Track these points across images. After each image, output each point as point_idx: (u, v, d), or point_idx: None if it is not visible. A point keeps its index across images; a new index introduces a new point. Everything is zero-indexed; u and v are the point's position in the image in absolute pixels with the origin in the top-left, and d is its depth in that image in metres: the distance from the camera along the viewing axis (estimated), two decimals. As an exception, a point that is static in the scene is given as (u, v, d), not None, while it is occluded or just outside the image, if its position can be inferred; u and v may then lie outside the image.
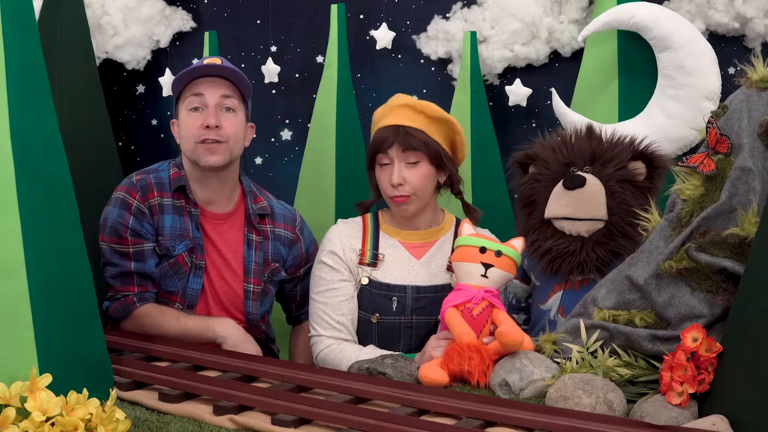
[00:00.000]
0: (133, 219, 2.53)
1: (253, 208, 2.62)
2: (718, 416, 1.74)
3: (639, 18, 2.84)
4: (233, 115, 2.54)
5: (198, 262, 2.56)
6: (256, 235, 2.62)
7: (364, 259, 2.58)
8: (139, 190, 2.55)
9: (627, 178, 2.45)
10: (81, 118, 3.16)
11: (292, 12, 3.42)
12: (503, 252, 2.34)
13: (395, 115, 2.54)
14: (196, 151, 2.51)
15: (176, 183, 2.56)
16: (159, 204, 2.55)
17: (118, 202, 2.55)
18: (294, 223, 2.72)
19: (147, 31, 3.42)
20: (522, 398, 2.05)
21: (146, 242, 2.54)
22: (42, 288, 1.73)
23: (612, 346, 2.09)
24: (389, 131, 2.52)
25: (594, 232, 2.44)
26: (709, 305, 2.02)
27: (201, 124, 2.50)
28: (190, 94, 2.53)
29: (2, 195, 1.69)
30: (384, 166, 2.54)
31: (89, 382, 1.75)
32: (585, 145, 2.51)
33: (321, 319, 2.57)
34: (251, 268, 2.61)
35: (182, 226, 2.56)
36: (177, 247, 2.54)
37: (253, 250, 2.61)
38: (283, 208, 2.73)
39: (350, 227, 2.64)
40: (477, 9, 3.21)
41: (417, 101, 2.56)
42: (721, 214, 2.00)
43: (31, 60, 1.77)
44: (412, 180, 2.51)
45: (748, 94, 2.07)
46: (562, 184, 2.46)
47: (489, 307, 2.28)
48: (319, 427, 1.86)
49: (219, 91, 2.52)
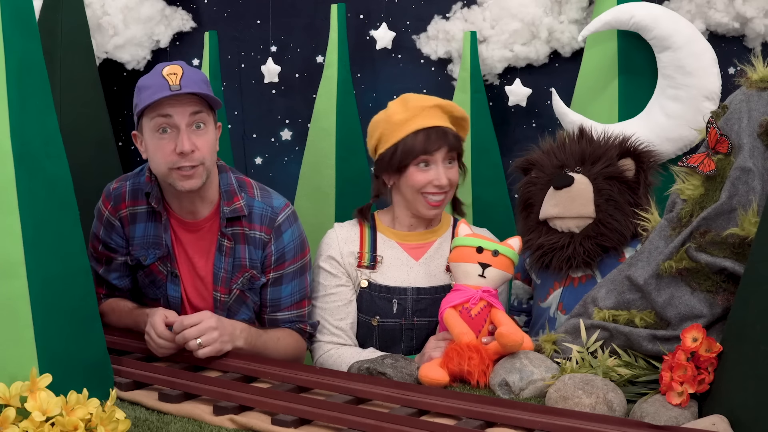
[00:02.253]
0: (103, 230, 2.50)
1: (224, 212, 2.42)
2: (718, 416, 1.74)
3: (639, 18, 2.84)
4: (204, 130, 2.34)
5: (173, 269, 2.47)
6: (227, 241, 2.43)
7: (362, 261, 2.57)
8: (112, 200, 2.49)
9: (614, 175, 2.50)
10: (81, 118, 3.16)
11: (292, 12, 3.41)
12: (500, 251, 2.34)
13: (430, 116, 2.51)
14: (171, 176, 2.35)
15: (145, 188, 2.46)
16: (130, 214, 2.48)
17: (96, 208, 2.53)
18: (272, 222, 2.44)
19: (147, 31, 3.42)
20: (522, 398, 2.05)
21: (113, 255, 2.51)
22: (42, 288, 1.73)
23: (612, 346, 2.09)
24: (434, 133, 2.49)
25: (583, 228, 2.48)
26: (709, 305, 2.02)
27: (173, 149, 2.31)
28: (156, 115, 2.31)
29: (2, 195, 1.69)
30: (425, 167, 2.49)
31: (89, 382, 1.75)
32: (575, 146, 2.56)
33: (319, 324, 2.56)
34: (219, 275, 2.45)
35: (156, 233, 2.47)
36: (148, 257, 2.47)
37: (223, 256, 2.44)
38: (262, 207, 2.45)
39: (347, 230, 2.61)
40: (477, 9, 3.21)
41: (444, 101, 2.56)
42: (721, 214, 2.00)
43: (31, 60, 1.78)
44: (453, 178, 2.54)
45: (748, 94, 2.07)
46: (552, 184, 2.51)
47: (487, 306, 2.28)
48: (319, 427, 1.86)
49: (187, 109, 2.31)
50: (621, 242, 2.46)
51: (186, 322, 2.21)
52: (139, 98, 2.34)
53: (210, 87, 2.40)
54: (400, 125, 2.51)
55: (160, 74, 2.31)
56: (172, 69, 2.31)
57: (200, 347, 2.20)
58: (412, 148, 2.48)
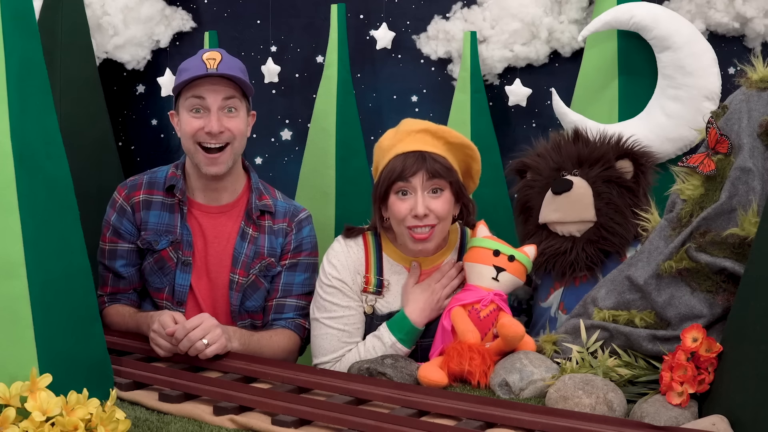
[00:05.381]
0: (115, 215, 2.59)
1: (255, 204, 2.58)
2: (718, 416, 1.74)
3: (639, 18, 2.84)
4: (235, 114, 2.51)
5: (184, 258, 2.54)
6: (252, 230, 2.58)
7: (368, 287, 2.47)
8: (127, 188, 2.60)
9: (613, 178, 2.49)
10: (81, 118, 3.16)
11: (292, 12, 3.41)
12: (516, 257, 2.34)
13: (414, 140, 2.36)
14: (197, 155, 2.50)
15: (169, 182, 2.57)
16: (144, 200, 2.57)
17: (110, 201, 2.62)
18: (294, 216, 2.61)
19: (147, 31, 3.42)
20: (522, 398, 2.05)
21: (121, 241, 2.58)
22: (42, 288, 1.73)
23: (612, 346, 2.09)
24: (411, 158, 2.32)
25: (585, 232, 2.47)
26: (709, 305, 2.02)
27: (202, 127, 2.47)
28: (191, 95, 2.49)
29: (2, 195, 1.69)
30: (403, 196, 2.35)
31: (89, 382, 1.75)
32: (572, 149, 2.55)
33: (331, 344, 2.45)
34: (240, 259, 2.55)
35: (170, 222, 2.56)
36: (160, 242, 2.54)
37: (246, 243, 2.56)
38: (286, 206, 2.63)
39: (353, 250, 2.49)
40: (477, 9, 3.21)
41: (435, 126, 2.40)
42: (721, 214, 2.00)
43: (31, 60, 1.78)
44: (437, 209, 2.33)
45: (748, 94, 2.07)
46: (551, 189, 2.49)
47: (496, 310, 2.28)
48: (319, 428, 1.86)
49: (220, 94, 2.48)
50: (623, 246, 2.46)
51: (188, 325, 2.25)
52: (179, 79, 2.51)
53: (246, 75, 2.55)
54: (387, 151, 2.40)
55: (200, 58, 2.49)
56: (211, 54, 2.49)
57: (207, 347, 2.23)
58: (389, 174, 2.35)
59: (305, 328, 2.57)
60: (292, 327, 2.56)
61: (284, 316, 2.57)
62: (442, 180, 2.34)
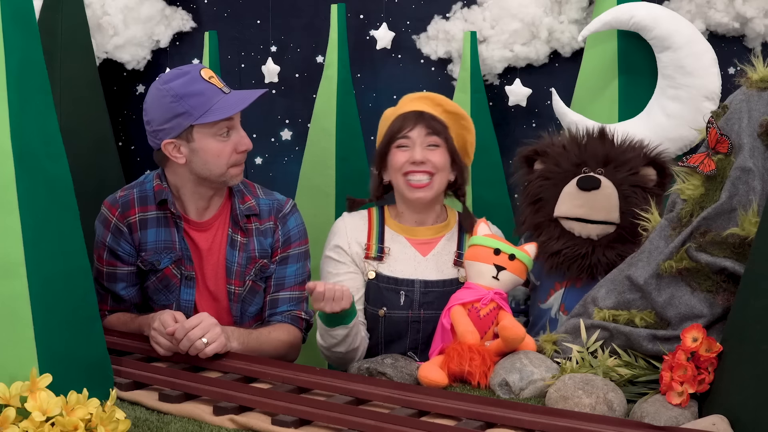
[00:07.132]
0: (111, 237, 2.50)
1: (240, 209, 2.51)
2: (718, 416, 1.74)
3: (639, 18, 2.84)
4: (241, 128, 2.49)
5: (187, 273, 2.50)
6: (241, 236, 2.52)
7: (369, 253, 2.59)
8: (120, 207, 2.49)
9: (639, 183, 2.45)
10: (81, 118, 3.16)
11: (292, 12, 3.41)
12: (517, 256, 2.34)
13: (413, 104, 2.58)
14: (227, 174, 2.44)
15: (159, 196, 2.49)
16: (140, 220, 2.49)
17: (101, 218, 2.53)
18: (278, 212, 2.56)
19: (147, 31, 3.42)
20: (522, 398, 2.05)
21: (120, 264, 2.50)
22: (42, 288, 1.73)
23: (612, 346, 2.09)
24: (411, 115, 2.55)
25: (604, 236, 2.43)
26: (709, 305, 2.02)
27: (235, 149, 2.43)
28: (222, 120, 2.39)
29: (2, 195, 1.69)
30: (402, 148, 2.54)
31: (89, 382, 1.75)
32: (598, 147, 2.50)
33: None
34: (233, 269, 2.51)
35: (167, 238, 2.50)
36: (162, 261, 2.48)
37: (236, 251, 2.51)
38: (269, 203, 2.57)
39: (356, 221, 2.64)
40: (477, 9, 3.21)
41: (437, 95, 2.61)
42: (721, 214, 2.00)
43: (31, 60, 1.78)
44: (434, 159, 2.52)
45: (748, 94, 2.07)
46: (577, 184, 2.45)
47: (496, 309, 2.28)
48: (319, 428, 1.86)
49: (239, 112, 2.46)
50: None
51: (187, 325, 2.23)
52: (190, 106, 2.37)
53: None
54: (388, 119, 2.62)
55: (204, 80, 2.40)
56: (207, 72, 2.43)
57: (206, 345, 2.22)
58: (391, 130, 2.57)
59: (301, 319, 2.55)
60: (287, 320, 2.54)
61: (278, 311, 2.55)
62: (439, 137, 2.54)
